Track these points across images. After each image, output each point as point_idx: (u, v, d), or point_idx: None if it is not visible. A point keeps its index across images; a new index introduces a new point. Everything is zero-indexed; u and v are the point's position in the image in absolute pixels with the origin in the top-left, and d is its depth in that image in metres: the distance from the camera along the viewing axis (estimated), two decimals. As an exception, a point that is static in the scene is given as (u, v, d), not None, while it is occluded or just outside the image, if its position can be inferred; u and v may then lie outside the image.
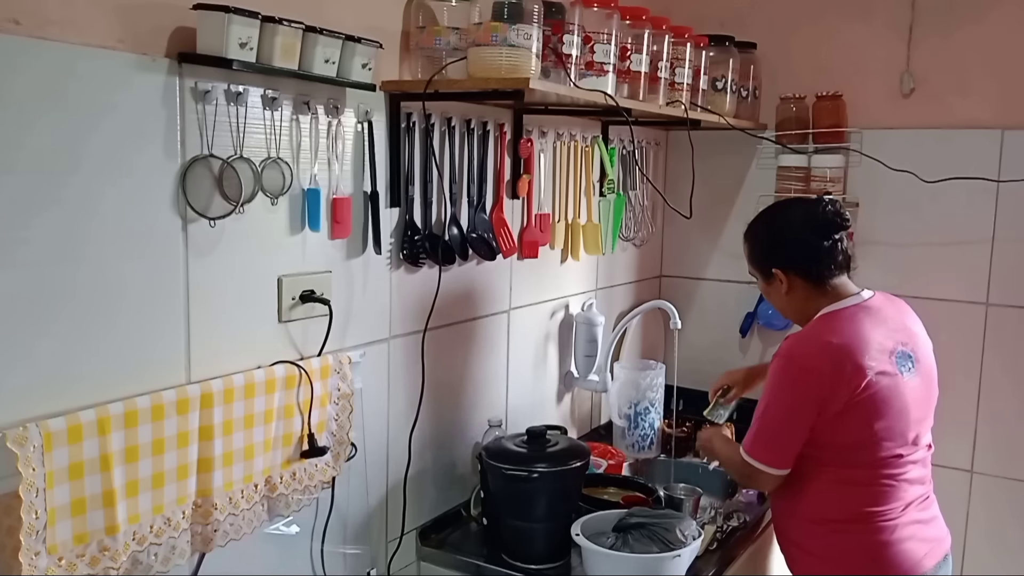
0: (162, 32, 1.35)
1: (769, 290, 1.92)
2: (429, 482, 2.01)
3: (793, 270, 1.84)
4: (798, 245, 1.84)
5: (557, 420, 2.45)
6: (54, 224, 1.23)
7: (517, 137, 2.14)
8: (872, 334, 1.76)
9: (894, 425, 1.74)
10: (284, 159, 1.54)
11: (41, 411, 1.22)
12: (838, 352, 1.72)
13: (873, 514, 1.76)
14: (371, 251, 1.76)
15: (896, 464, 1.76)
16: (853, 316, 1.79)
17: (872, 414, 1.72)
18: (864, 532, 1.76)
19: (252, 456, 1.48)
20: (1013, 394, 2.50)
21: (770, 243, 1.89)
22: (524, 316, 2.30)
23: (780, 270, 1.84)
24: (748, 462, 1.79)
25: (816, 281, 1.83)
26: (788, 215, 1.92)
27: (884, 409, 1.73)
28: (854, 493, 1.77)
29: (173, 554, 1.37)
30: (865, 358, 1.71)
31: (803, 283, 1.84)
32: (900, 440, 1.76)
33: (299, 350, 1.63)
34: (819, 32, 2.67)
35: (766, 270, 1.87)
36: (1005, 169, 2.45)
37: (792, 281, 1.84)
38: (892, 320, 1.84)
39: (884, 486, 1.76)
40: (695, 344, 2.90)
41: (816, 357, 1.73)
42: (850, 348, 1.72)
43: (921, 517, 1.81)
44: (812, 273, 1.83)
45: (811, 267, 1.83)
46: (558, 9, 1.72)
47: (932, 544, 1.82)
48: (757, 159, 2.78)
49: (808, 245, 1.83)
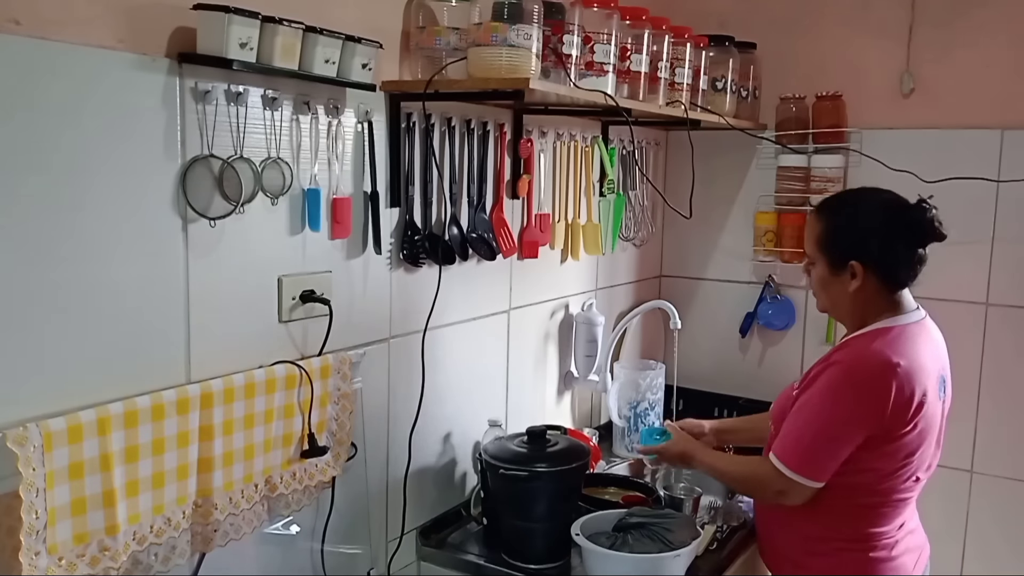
0: (162, 32, 1.35)
1: (831, 280, 1.74)
2: (429, 482, 2.01)
3: (874, 269, 1.69)
4: (891, 245, 1.69)
5: (557, 420, 2.44)
6: (54, 223, 1.22)
7: (517, 137, 2.14)
8: (929, 358, 1.69)
9: (925, 452, 1.70)
10: (284, 159, 1.54)
11: (41, 411, 1.22)
12: (903, 376, 1.61)
13: (875, 535, 1.73)
14: (371, 251, 1.76)
15: (911, 488, 1.73)
16: (915, 336, 1.69)
17: (916, 442, 1.66)
18: (864, 551, 1.73)
19: (252, 456, 1.48)
20: (1013, 394, 2.51)
21: (860, 234, 1.71)
22: (524, 316, 2.30)
23: (860, 264, 1.69)
24: (784, 474, 1.67)
25: (892, 288, 1.72)
26: (885, 209, 1.73)
27: (925, 436, 1.67)
28: (861, 514, 1.72)
29: (173, 554, 1.37)
30: (925, 384, 1.64)
31: (877, 286, 1.70)
32: (924, 466, 1.73)
33: (299, 350, 1.63)
34: (819, 32, 2.67)
35: (842, 259, 1.71)
36: (1005, 169, 2.45)
37: (867, 280, 1.69)
38: (938, 343, 1.77)
39: (891, 508, 1.72)
40: (695, 344, 2.90)
41: (881, 377, 1.62)
42: (914, 373, 1.63)
43: (911, 527, 1.80)
44: (893, 278, 1.71)
45: (896, 272, 1.70)
46: (558, 9, 1.72)
47: (919, 552, 1.82)
48: (757, 159, 2.78)
49: (902, 249, 1.69)
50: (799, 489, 1.68)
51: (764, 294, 2.81)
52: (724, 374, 2.89)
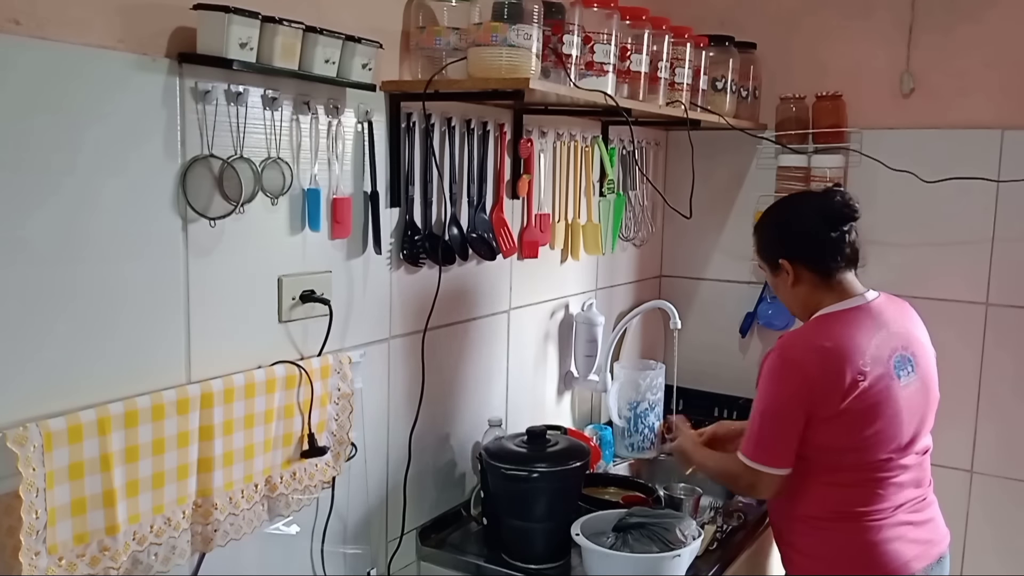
0: (162, 32, 1.35)
1: (776, 283, 1.90)
2: (429, 482, 2.01)
3: (800, 261, 1.82)
4: (805, 235, 1.82)
5: (557, 420, 2.44)
6: (54, 224, 1.22)
7: (517, 137, 2.14)
8: (869, 338, 1.75)
9: (885, 430, 1.74)
10: (284, 159, 1.54)
11: (41, 411, 1.22)
12: (829, 356, 1.71)
13: (861, 514, 1.76)
14: (371, 251, 1.76)
15: (885, 467, 1.76)
16: (851, 319, 1.78)
17: (862, 420, 1.71)
18: (851, 531, 1.76)
19: (252, 456, 1.48)
20: (1013, 394, 2.50)
21: (778, 233, 1.87)
22: (524, 316, 2.30)
23: (787, 261, 1.82)
24: (749, 466, 1.77)
25: (823, 274, 1.81)
26: (797, 206, 1.91)
27: (876, 415, 1.72)
28: (842, 493, 1.77)
29: (173, 554, 1.37)
30: (858, 363, 1.70)
31: (810, 276, 1.82)
32: (892, 444, 1.75)
33: (299, 350, 1.63)
34: (819, 32, 2.67)
35: (773, 261, 1.86)
36: (1005, 169, 2.45)
37: (799, 273, 1.82)
38: (894, 323, 1.83)
39: (873, 487, 1.76)
40: (695, 344, 2.90)
41: (806, 359, 1.73)
42: (842, 353, 1.71)
43: (913, 519, 1.80)
44: (819, 265, 1.81)
45: (818, 258, 1.81)
46: (558, 9, 1.72)
47: (924, 546, 1.81)
48: (757, 159, 2.78)
49: (815, 236, 1.81)
50: (765, 479, 1.76)
51: (764, 294, 2.81)
52: (724, 374, 2.88)
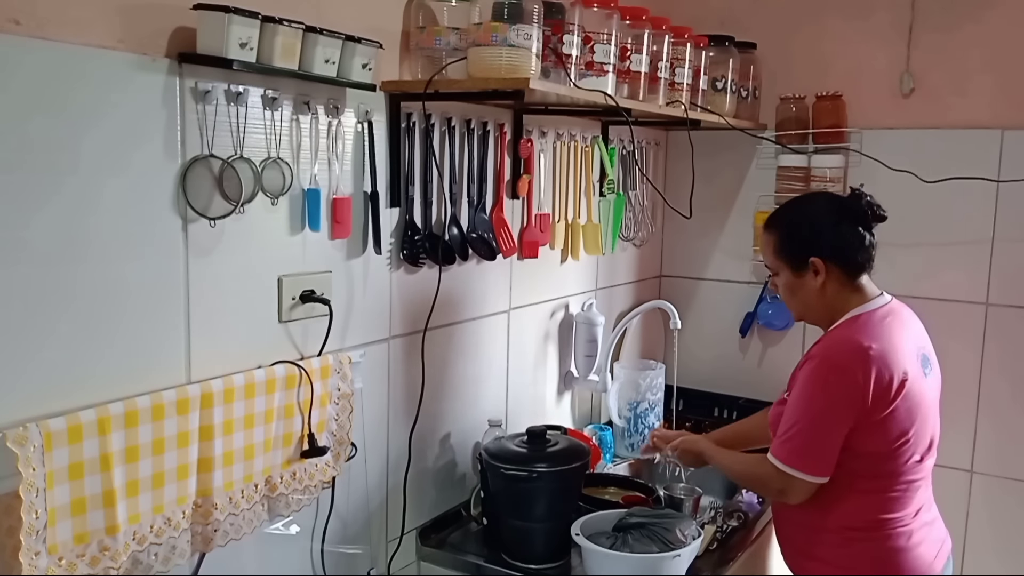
0: (162, 32, 1.35)
1: (796, 284, 1.80)
2: (429, 482, 2.01)
3: (833, 260, 1.76)
4: (840, 233, 1.76)
5: (557, 420, 2.44)
6: (54, 224, 1.22)
7: (517, 137, 2.14)
8: (902, 338, 1.73)
9: (920, 430, 1.72)
10: (284, 159, 1.54)
11: (41, 411, 1.22)
12: (876, 359, 1.66)
13: (888, 521, 1.73)
14: (371, 251, 1.76)
15: (915, 470, 1.74)
16: (884, 320, 1.75)
17: (904, 422, 1.68)
18: (879, 539, 1.73)
19: (252, 456, 1.48)
20: (1013, 394, 2.51)
21: (809, 231, 1.79)
22: (524, 316, 2.30)
23: (820, 259, 1.75)
24: (784, 472, 1.70)
25: (852, 275, 1.78)
26: (825, 204, 1.84)
27: (914, 416, 1.70)
28: (872, 501, 1.73)
29: (173, 554, 1.37)
30: (903, 364, 1.68)
31: (840, 276, 1.77)
32: (923, 445, 1.74)
33: (299, 350, 1.63)
34: (819, 32, 2.67)
35: (800, 260, 1.77)
36: (1005, 169, 2.45)
37: (829, 272, 1.76)
38: (912, 324, 1.82)
39: (903, 492, 1.73)
40: (695, 344, 2.90)
41: (854, 362, 1.66)
42: (886, 355, 1.67)
43: (928, 519, 1.80)
44: (852, 264, 1.77)
45: (852, 258, 1.76)
46: (558, 9, 1.72)
47: (941, 544, 1.81)
48: (757, 159, 2.78)
49: (851, 234, 1.76)
50: (799, 485, 1.70)
51: (764, 294, 2.81)
52: (724, 374, 2.89)
